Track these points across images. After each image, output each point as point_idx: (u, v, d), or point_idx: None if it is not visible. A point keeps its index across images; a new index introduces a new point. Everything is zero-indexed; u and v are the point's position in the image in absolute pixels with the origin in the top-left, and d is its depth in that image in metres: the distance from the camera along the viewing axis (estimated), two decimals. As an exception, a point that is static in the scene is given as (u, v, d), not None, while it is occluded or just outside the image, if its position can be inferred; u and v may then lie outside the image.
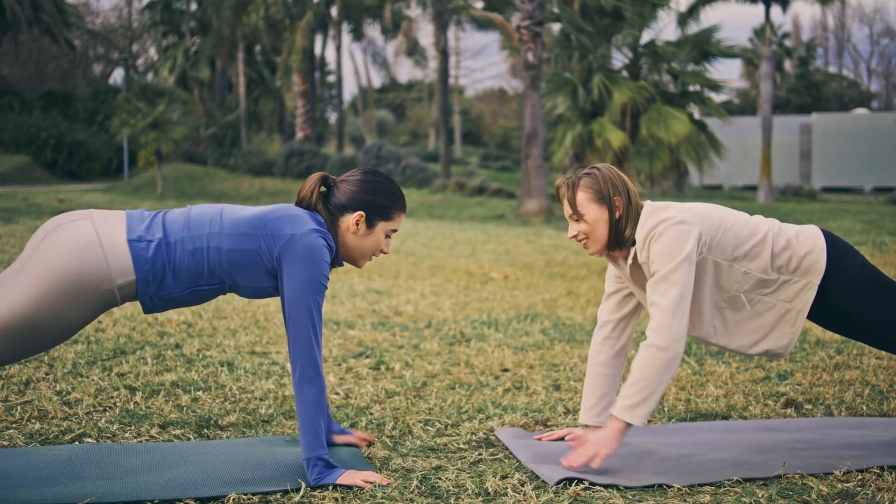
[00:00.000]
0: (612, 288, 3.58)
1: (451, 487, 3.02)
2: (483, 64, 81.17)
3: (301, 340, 2.98)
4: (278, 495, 2.92)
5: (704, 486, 3.07)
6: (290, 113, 40.61)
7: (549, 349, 5.53)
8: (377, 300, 7.71)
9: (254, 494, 2.91)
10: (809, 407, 4.21)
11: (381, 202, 3.16)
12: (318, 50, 37.09)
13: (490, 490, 2.99)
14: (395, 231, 3.21)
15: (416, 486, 3.02)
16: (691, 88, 20.95)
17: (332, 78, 48.09)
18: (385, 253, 3.22)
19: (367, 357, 5.20)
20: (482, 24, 30.96)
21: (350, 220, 3.13)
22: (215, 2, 34.60)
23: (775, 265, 3.32)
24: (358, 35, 35.15)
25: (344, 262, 3.24)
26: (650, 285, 3.20)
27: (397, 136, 59.11)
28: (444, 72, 30.55)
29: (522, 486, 3.04)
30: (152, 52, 47.28)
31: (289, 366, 4.88)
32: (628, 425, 3.16)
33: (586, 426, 3.57)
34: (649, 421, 3.97)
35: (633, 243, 3.31)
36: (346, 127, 54.45)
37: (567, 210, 3.34)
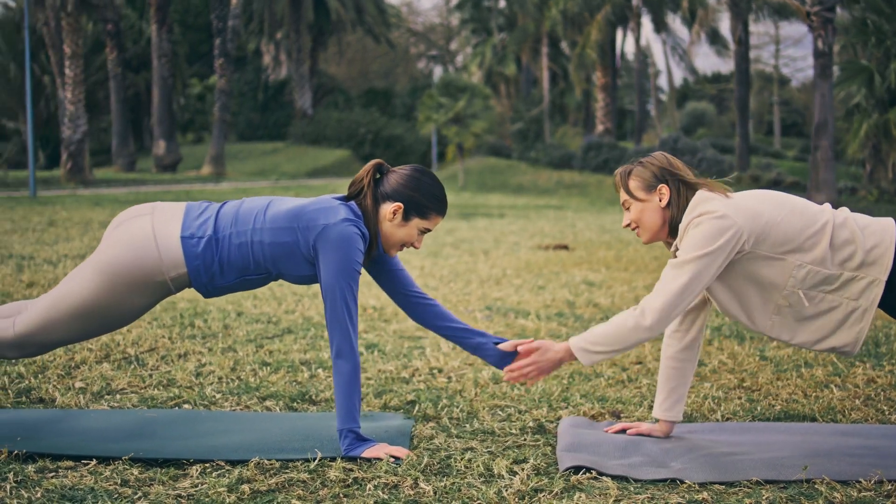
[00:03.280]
0: None
1: (462, 467, 3.13)
2: (805, 52, 77.07)
3: (337, 321, 3.23)
4: (298, 463, 3.16)
5: (717, 484, 3.02)
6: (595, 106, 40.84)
7: (705, 344, 5.43)
8: (582, 291, 7.76)
9: (277, 460, 3.17)
10: (926, 415, 3.96)
11: (421, 200, 3.35)
12: (619, 43, 36.88)
13: (495, 472, 3.09)
14: (428, 230, 3.40)
15: (430, 462, 3.16)
16: None
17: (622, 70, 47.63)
18: (416, 248, 3.41)
19: (511, 345, 5.32)
20: (782, 13, 29.71)
21: (389, 209, 3.34)
22: (520, -2, 35.41)
23: (837, 259, 3.18)
24: (659, 27, 34.74)
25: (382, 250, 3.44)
26: (668, 265, 3.22)
27: (717, 127, 57.80)
28: (742, 62, 29.60)
29: (529, 469, 3.11)
30: (469, 49, 48.96)
31: (429, 350, 5.11)
32: (574, 357, 3.32)
33: (657, 420, 3.59)
34: (726, 419, 3.89)
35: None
36: (661, 119, 53.85)
37: (620, 198, 3.41)
